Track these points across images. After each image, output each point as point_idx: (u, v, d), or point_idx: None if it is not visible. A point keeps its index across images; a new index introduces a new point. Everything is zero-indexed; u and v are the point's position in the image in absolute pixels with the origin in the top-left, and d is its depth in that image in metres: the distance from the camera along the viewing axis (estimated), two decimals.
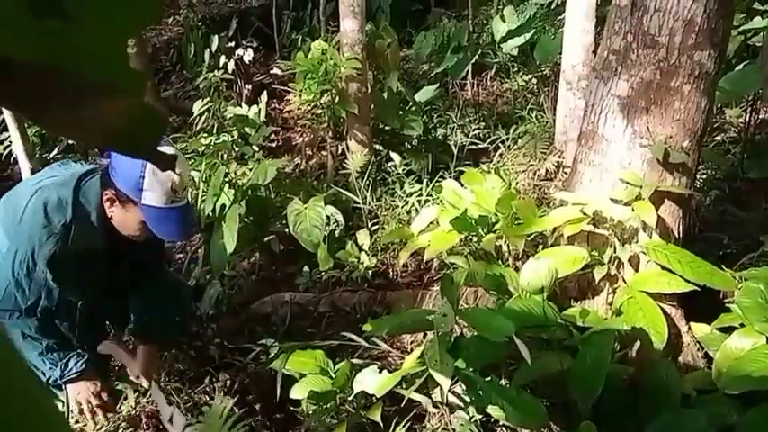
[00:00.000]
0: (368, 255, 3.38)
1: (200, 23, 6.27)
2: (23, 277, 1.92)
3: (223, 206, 3.24)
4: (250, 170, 3.79)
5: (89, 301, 2.17)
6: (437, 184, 3.74)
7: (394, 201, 3.90)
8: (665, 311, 2.25)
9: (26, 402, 0.33)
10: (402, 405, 2.20)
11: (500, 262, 2.65)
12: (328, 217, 3.43)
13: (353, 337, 2.52)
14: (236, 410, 2.16)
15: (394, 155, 4.11)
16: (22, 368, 0.34)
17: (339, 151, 4.32)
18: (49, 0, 0.33)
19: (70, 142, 4.57)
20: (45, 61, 0.34)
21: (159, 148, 1.46)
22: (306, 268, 3.36)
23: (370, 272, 3.31)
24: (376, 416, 2.08)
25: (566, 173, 3.74)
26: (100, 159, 2.03)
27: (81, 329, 2.20)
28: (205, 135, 4.40)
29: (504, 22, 5.17)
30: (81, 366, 2.11)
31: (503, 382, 2.14)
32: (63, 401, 2.18)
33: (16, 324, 2.02)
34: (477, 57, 5.14)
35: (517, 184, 3.92)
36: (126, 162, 1.77)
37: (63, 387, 2.15)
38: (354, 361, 2.34)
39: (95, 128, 0.40)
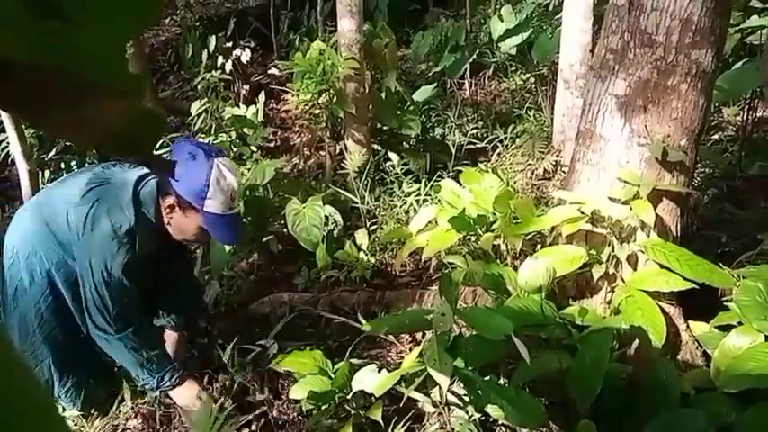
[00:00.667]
0: (366, 254, 3.39)
1: (197, 24, 6.26)
2: (104, 289, 1.99)
3: None
4: (248, 170, 3.78)
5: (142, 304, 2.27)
6: (435, 183, 3.75)
7: (392, 200, 3.90)
8: (663, 310, 2.25)
9: (27, 403, 0.33)
10: (401, 405, 2.20)
11: (498, 261, 2.65)
12: (327, 217, 3.43)
13: (359, 320, 2.52)
14: (228, 409, 2.17)
15: (392, 154, 4.11)
16: (23, 369, 0.34)
17: (337, 151, 4.32)
18: (47, 1, 0.33)
19: (68, 143, 4.56)
20: (44, 62, 0.34)
21: (220, 162, 1.48)
22: (304, 268, 3.36)
23: (368, 271, 3.31)
24: (376, 415, 2.08)
25: (564, 172, 3.74)
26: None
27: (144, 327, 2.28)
28: (203, 135, 4.40)
29: (502, 21, 5.17)
30: (176, 380, 2.21)
31: (502, 381, 2.14)
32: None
33: (119, 338, 2.09)
34: (474, 56, 5.15)
35: (515, 183, 3.93)
36: (191, 171, 1.88)
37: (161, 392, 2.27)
38: (353, 361, 2.34)
39: (94, 129, 0.40)
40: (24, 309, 2.12)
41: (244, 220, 3.29)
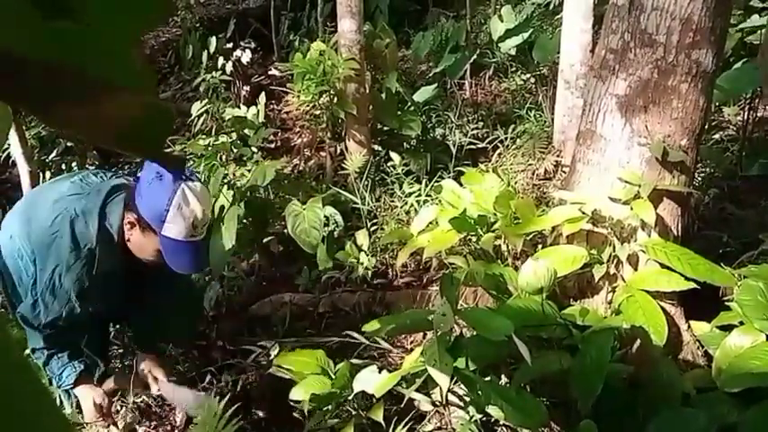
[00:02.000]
0: (367, 255, 3.38)
1: (197, 25, 6.27)
2: (48, 295, 1.97)
3: (222, 207, 3.24)
4: (249, 171, 3.79)
5: (100, 315, 2.23)
6: (436, 183, 3.74)
7: (393, 201, 3.90)
8: (664, 310, 2.25)
9: (32, 404, 0.33)
10: (402, 405, 2.20)
11: (499, 261, 2.65)
12: (327, 218, 3.43)
13: (354, 334, 2.53)
14: (232, 409, 2.17)
15: (393, 155, 4.11)
16: (29, 371, 0.34)
17: (338, 152, 4.32)
18: (56, 1, 0.34)
19: (69, 144, 4.57)
20: (54, 60, 0.34)
21: (188, 187, 1.45)
22: (305, 269, 3.36)
23: (369, 272, 3.31)
24: (378, 416, 2.08)
25: (564, 172, 3.74)
26: (125, 176, 2.07)
27: (89, 339, 2.26)
28: (204, 136, 4.40)
29: (502, 21, 5.16)
30: (72, 379, 2.17)
31: (502, 381, 2.14)
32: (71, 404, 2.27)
33: (33, 336, 2.09)
34: (475, 56, 5.14)
35: (516, 183, 3.92)
36: (154, 191, 1.83)
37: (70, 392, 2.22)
38: (354, 361, 2.34)
39: (104, 126, 0.40)
40: (28, 296, 2.10)
41: (243, 222, 3.29)
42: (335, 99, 3.96)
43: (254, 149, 4.34)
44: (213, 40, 5.47)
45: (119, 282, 2.12)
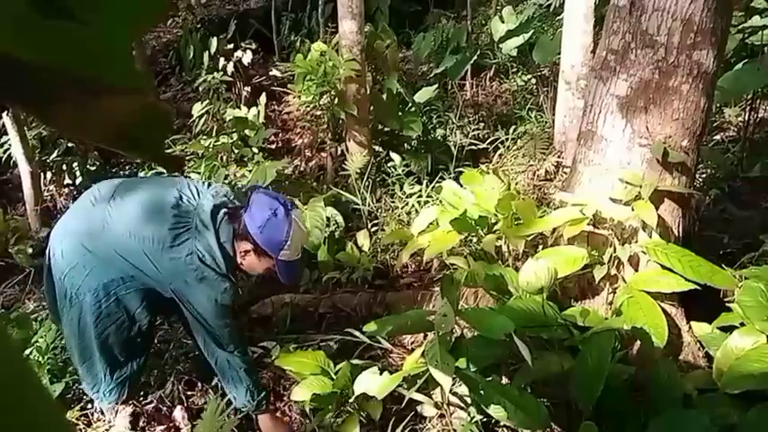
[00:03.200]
0: (368, 256, 3.38)
1: (198, 25, 6.27)
2: (216, 320, 2.15)
3: None
4: (250, 172, 3.79)
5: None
6: (437, 184, 3.75)
7: (393, 202, 3.90)
8: (665, 311, 2.25)
9: (31, 404, 0.33)
10: (403, 405, 2.20)
11: (500, 262, 2.65)
12: (328, 218, 3.43)
13: (356, 333, 2.53)
14: (229, 410, 2.18)
15: (393, 156, 4.11)
16: (29, 371, 0.34)
17: (338, 152, 4.32)
18: (54, 1, 0.34)
19: (70, 145, 4.56)
20: (52, 61, 0.34)
21: (296, 217, 1.53)
22: (306, 269, 3.36)
23: (370, 273, 3.31)
24: (376, 414, 2.08)
25: (565, 173, 3.74)
26: (213, 193, 2.15)
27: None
28: (205, 137, 4.41)
29: (503, 22, 5.17)
30: (269, 406, 2.34)
31: (503, 382, 2.14)
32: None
33: (241, 359, 2.23)
34: (476, 57, 5.14)
35: (517, 184, 3.92)
36: (273, 227, 2.05)
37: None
38: (355, 362, 2.34)
39: (103, 127, 0.40)
40: (78, 312, 2.14)
41: None
42: (336, 100, 3.96)
43: (255, 150, 4.34)
44: (214, 40, 5.47)
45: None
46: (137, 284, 2.12)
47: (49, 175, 4.56)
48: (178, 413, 2.52)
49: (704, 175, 3.76)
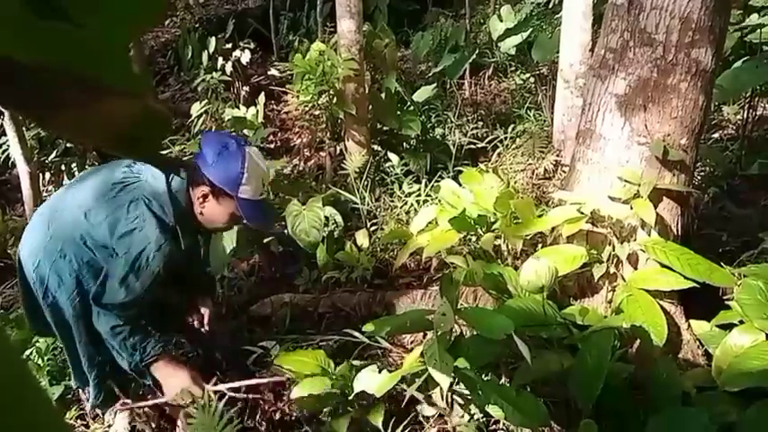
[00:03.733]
0: (367, 255, 3.38)
1: (197, 25, 6.27)
2: (132, 277, 2.03)
3: None
4: None
5: (167, 292, 2.31)
6: (436, 183, 3.75)
7: (392, 201, 3.90)
8: (664, 309, 2.25)
9: (30, 405, 0.33)
10: (402, 405, 2.20)
11: (499, 261, 2.65)
12: (327, 218, 3.43)
13: (355, 333, 2.53)
14: (230, 410, 2.17)
15: (392, 155, 4.11)
16: (27, 372, 0.34)
17: (337, 152, 4.32)
18: (50, 1, 0.33)
19: (68, 145, 4.56)
20: (48, 62, 0.34)
21: (251, 150, 1.53)
22: (305, 269, 3.36)
23: (369, 272, 3.31)
24: (377, 419, 2.08)
25: (564, 171, 3.74)
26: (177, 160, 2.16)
27: (158, 318, 2.32)
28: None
29: (502, 21, 5.17)
30: (158, 350, 2.16)
31: (503, 381, 2.14)
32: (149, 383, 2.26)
33: (109, 316, 2.08)
34: (474, 56, 5.14)
35: (516, 183, 3.93)
36: (224, 160, 1.98)
37: (147, 371, 2.18)
38: (354, 362, 2.34)
39: (101, 129, 0.40)
40: (57, 308, 2.13)
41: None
42: (335, 99, 3.96)
43: None
44: (212, 40, 5.47)
45: (182, 258, 2.19)
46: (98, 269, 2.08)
47: (47, 175, 4.56)
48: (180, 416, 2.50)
49: (703, 174, 3.76)
